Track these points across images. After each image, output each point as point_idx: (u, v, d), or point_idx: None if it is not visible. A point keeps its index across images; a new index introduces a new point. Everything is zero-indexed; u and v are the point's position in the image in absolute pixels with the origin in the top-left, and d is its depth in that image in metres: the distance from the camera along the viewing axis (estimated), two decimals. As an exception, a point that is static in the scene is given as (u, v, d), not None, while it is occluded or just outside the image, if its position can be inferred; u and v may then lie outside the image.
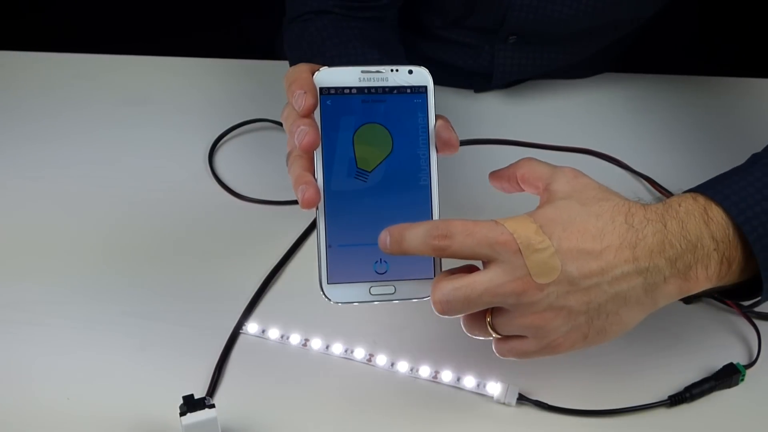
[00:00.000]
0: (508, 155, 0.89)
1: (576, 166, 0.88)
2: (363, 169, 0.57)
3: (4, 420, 0.65)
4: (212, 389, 0.67)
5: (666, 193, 0.84)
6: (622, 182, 0.87)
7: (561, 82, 1.00)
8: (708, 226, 0.57)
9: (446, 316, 0.55)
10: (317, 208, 0.57)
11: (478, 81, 0.97)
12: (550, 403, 0.66)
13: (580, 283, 0.54)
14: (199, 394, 0.61)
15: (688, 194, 0.59)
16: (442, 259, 0.58)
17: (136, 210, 0.83)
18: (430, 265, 0.58)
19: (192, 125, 0.94)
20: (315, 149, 0.57)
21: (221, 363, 0.69)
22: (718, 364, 0.68)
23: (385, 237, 0.55)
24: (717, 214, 0.57)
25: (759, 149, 0.65)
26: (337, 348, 0.70)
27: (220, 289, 0.75)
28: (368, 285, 0.57)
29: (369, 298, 0.57)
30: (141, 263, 0.78)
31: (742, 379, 0.67)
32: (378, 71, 0.58)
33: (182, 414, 0.59)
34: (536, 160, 0.61)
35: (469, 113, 0.95)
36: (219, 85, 1.00)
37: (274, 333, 0.72)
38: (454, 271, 0.57)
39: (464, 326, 0.58)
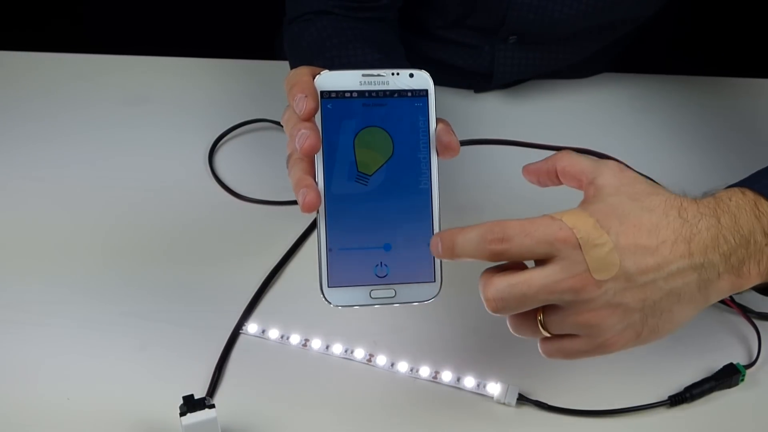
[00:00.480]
0: (508, 155, 0.90)
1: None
2: (364, 173, 0.57)
3: (4, 420, 0.65)
4: (212, 389, 0.67)
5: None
6: (622, 182, 0.87)
7: (561, 82, 1.00)
8: (759, 221, 0.56)
9: (498, 315, 0.54)
10: (318, 212, 0.57)
11: (479, 81, 0.97)
12: (550, 403, 0.66)
13: (636, 280, 0.53)
14: (199, 394, 0.61)
15: (735, 189, 0.58)
16: (443, 262, 0.57)
17: (136, 210, 0.83)
18: (431, 268, 0.58)
19: (192, 125, 0.94)
20: (316, 153, 0.57)
21: (221, 363, 0.69)
22: (718, 364, 0.68)
23: (437, 243, 0.54)
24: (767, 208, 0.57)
25: (760, 149, 0.64)
26: (337, 348, 0.70)
27: (220, 289, 0.75)
28: (369, 288, 0.57)
29: (369, 301, 0.57)
30: (141, 263, 0.78)
31: (742, 380, 0.67)
32: (379, 74, 0.58)
33: (182, 414, 0.59)
34: (575, 153, 0.59)
35: (469, 113, 0.95)
36: (219, 85, 1.00)
37: (274, 333, 0.72)
38: (502, 267, 0.55)
39: (511, 326, 0.56)
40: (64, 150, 0.91)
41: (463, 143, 0.89)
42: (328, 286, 0.57)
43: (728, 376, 0.67)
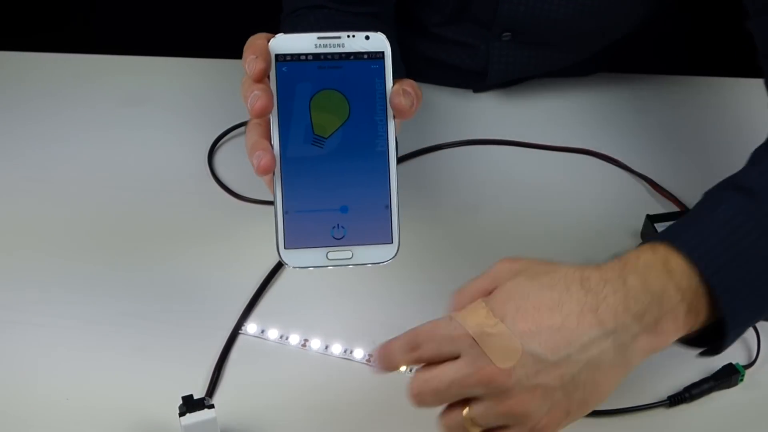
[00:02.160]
0: (507, 155, 0.90)
1: (576, 166, 0.89)
2: (320, 136, 0.57)
3: (3, 420, 0.65)
4: (211, 389, 0.67)
5: (666, 193, 0.84)
6: (622, 182, 0.87)
7: (560, 81, 1.00)
8: (671, 278, 0.55)
9: (423, 407, 0.55)
10: (273, 174, 0.57)
11: (475, 80, 0.97)
12: (549, 403, 0.66)
13: (548, 359, 0.52)
14: (198, 394, 0.61)
15: (646, 246, 0.57)
16: (401, 224, 0.56)
17: (136, 210, 0.83)
18: (388, 230, 0.57)
19: (192, 125, 0.94)
20: (268, 114, 0.56)
21: (220, 363, 0.69)
22: (718, 364, 0.68)
23: (375, 360, 0.56)
24: (679, 264, 0.55)
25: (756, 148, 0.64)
26: (337, 348, 0.70)
27: (219, 289, 0.76)
28: (325, 250, 0.56)
29: (326, 262, 0.57)
30: (140, 263, 0.78)
31: (742, 380, 0.67)
32: (334, 37, 0.57)
33: (181, 414, 0.59)
34: (465, 286, 0.58)
35: (467, 113, 0.95)
36: (219, 85, 0.99)
37: (273, 333, 0.72)
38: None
39: (442, 428, 0.56)
40: (64, 150, 0.91)
41: (462, 143, 0.89)
42: (285, 248, 0.56)
43: (727, 376, 0.67)
